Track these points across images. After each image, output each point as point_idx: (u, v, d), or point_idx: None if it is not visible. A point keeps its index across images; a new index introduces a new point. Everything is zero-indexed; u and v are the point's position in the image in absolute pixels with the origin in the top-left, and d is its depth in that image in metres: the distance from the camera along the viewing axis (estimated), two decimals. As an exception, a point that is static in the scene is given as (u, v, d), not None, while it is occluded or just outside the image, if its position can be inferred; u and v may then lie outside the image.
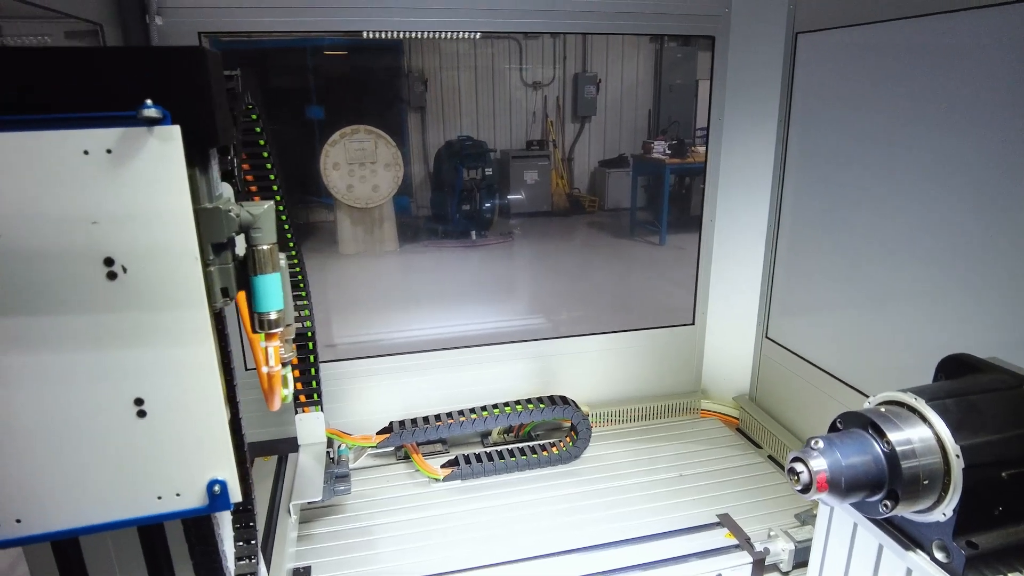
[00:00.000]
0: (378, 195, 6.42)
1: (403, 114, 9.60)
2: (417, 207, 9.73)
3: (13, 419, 0.80)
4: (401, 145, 10.16)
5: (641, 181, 8.53)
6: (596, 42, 9.22)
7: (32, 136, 0.73)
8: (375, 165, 6.03)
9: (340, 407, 2.76)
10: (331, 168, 5.96)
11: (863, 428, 1.40)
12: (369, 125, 5.83)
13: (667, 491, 2.56)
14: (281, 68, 7.11)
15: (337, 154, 6.16)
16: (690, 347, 3.18)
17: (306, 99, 9.30)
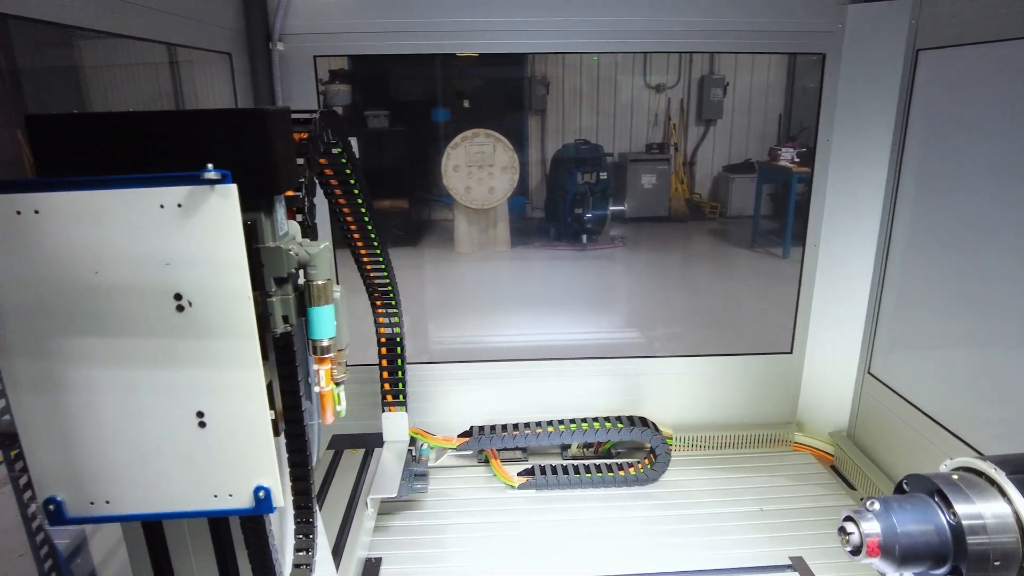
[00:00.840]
0: (494, 197, 6.62)
1: (524, 117, 9.76)
2: (532, 209, 9.85)
3: (102, 420, 0.96)
4: (519, 148, 10.31)
5: (767, 189, 8.16)
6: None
7: (121, 193, 0.88)
8: (492, 168, 6.22)
9: (425, 407, 2.91)
10: (451, 170, 6.22)
11: (929, 494, 1.31)
12: (489, 129, 6.01)
13: (743, 524, 2.48)
14: (409, 73, 7.46)
15: (458, 156, 6.43)
16: (787, 377, 3.05)
17: (432, 102, 9.69)
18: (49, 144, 0.97)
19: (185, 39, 2.06)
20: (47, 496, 0.98)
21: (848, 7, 2.59)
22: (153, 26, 1.90)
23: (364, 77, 8.34)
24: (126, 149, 0.97)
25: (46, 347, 0.92)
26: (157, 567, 1.21)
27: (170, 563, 1.21)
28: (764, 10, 2.60)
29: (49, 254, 0.89)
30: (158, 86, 2.46)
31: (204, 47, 2.19)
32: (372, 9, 2.51)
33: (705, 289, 6.33)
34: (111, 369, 0.94)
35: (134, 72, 2.41)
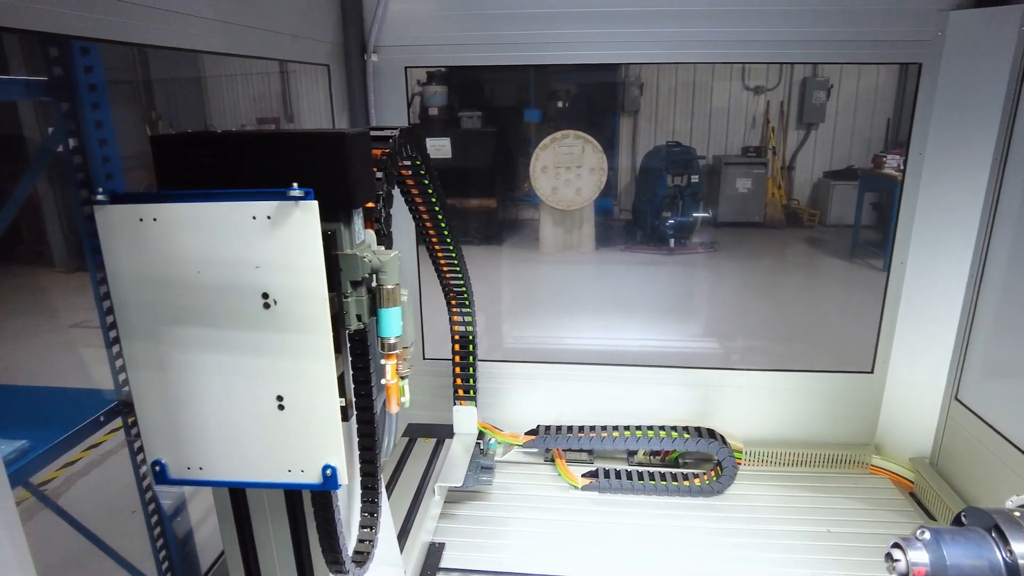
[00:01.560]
0: (580, 198, 6.65)
1: (616, 118, 9.70)
2: (620, 210, 9.77)
3: (199, 397, 1.12)
4: (609, 150, 10.30)
5: (869, 197, 7.76)
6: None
7: (221, 205, 1.03)
8: (580, 169, 6.25)
9: (494, 403, 3.02)
10: (539, 171, 6.30)
11: (987, 529, 1.28)
12: (580, 130, 6.05)
13: (808, 545, 2.44)
14: (502, 76, 7.60)
15: (546, 157, 6.51)
16: (867, 396, 2.94)
17: (524, 104, 9.81)
18: (168, 160, 1.14)
19: (291, 55, 2.26)
20: (154, 459, 1.16)
21: (949, 14, 2.48)
22: (265, 45, 2.10)
23: (459, 80, 8.57)
24: (229, 164, 1.12)
25: (157, 333, 1.09)
26: (240, 531, 1.38)
27: (251, 529, 1.37)
28: (859, 19, 2.53)
29: (162, 255, 1.05)
30: (268, 94, 2.69)
31: (306, 61, 2.39)
32: (461, 23, 2.64)
33: (794, 301, 6.10)
34: (208, 354, 1.09)
35: (247, 82, 2.65)
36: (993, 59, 2.39)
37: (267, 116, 10.23)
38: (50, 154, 1.60)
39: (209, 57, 2.22)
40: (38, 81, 1.48)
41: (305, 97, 2.63)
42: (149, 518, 1.88)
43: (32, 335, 5.31)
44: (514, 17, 2.62)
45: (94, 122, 1.53)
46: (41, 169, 1.68)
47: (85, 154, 1.55)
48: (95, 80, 1.51)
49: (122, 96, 6.75)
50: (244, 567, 1.40)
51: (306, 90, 2.64)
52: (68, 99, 1.51)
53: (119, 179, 1.63)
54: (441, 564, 2.30)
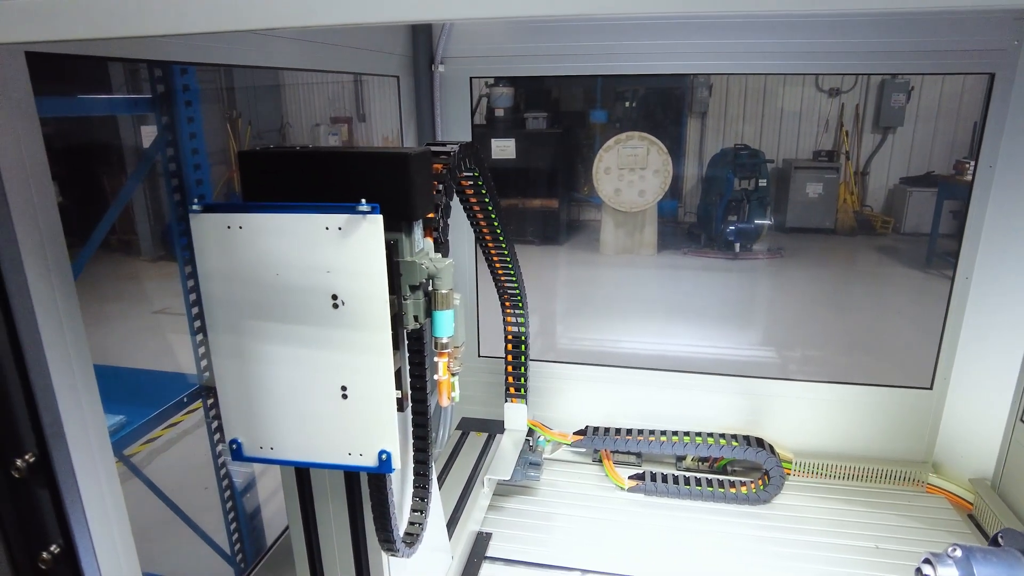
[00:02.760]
0: (643, 200, 6.62)
1: (683, 120, 9.58)
2: (684, 212, 9.63)
3: (273, 384, 1.27)
4: (675, 151, 10.18)
5: (948, 205, 7.42)
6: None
7: (299, 216, 1.16)
8: (644, 171, 6.22)
9: (545, 401, 3.11)
10: (602, 172, 6.32)
11: (1022, 551, 1.29)
12: (646, 131, 6.02)
13: (854, 559, 2.43)
14: (568, 78, 7.68)
15: (610, 159, 6.52)
16: (925, 413, 2.88)
17: (590, 106, 9.81)
18: (253, 173, 1.29)
19: (365, 68, 2.41)
20: (231, 437, 1.31)
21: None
22: (341, 60, 2.26)
23: (526, 81, 8.66)
24: (306, 179, 1.26)
25: (238, 327, 1.24)
26: (304, 508, 1.52)
27: (314, 506, 1.52)
28: (931, 28, 2.49)
29: (245, 259, 1.20)
30: (342, 96, 2.87)
31: (378, 73, 2.55)
32: (524, 34, 2.73)
33: (860, 310, 5.92)
34: (282, 347, 1.23)
35: (322, 88, 2.83)
36: (1071, 71, 2.31)
37: (340, 116, 10.59)
38: (150, 161, 1.79)
39: (291, 74, 2.40)
40: (143, 98, 1.67)
41: (377, 101, 2.80)
42: (223, 492, 2.07)
43: (122, 319, 5.73)
44: (578, 28, 2.69)
45: (188, 134, 1.71)
46: (143, 174, 1.88)
47: (179, 162, 1.73)
48: (191, 97, 1.69)
49: (207, 97, 7.19)
50: (306, 540, 1.55)
51: (378, 94, 2.80)
52: (167, 113, 1.69)
53: (207, 185, 1.81)
54: (487, 552, 2.41)
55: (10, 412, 0.97)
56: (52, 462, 0.97)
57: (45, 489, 1.02)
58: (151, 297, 6.30)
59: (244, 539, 2.13)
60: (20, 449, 1.01)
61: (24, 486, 1.02)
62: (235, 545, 2.10)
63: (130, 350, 4.86)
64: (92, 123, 5.51)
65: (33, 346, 0.93)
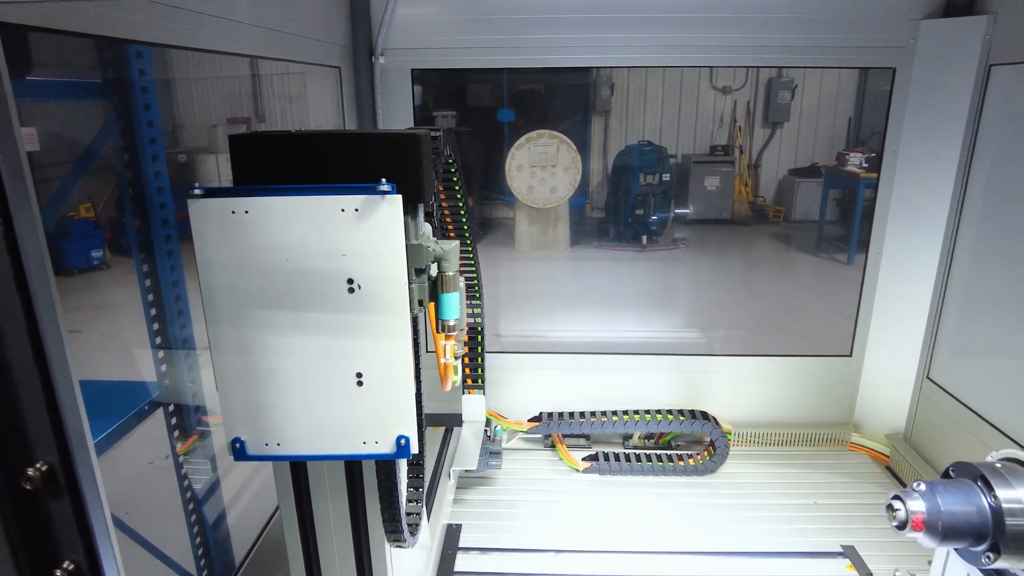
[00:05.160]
0: (555, 197, 6.76)
1: (588, 118, 9.84)
2: (592, 208, 9.90)
3: (282, 377, 1.22)
4: (582, 149, 10.42)
5: (833, 194, 8.06)
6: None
7: (312, 199, 1.13)
8: (555, 168, 6.36)
9: (499, 393, 3.14)
10: (515, 170, 6.39)
11: (973, 480, 1.46)
12: (554, 130, 6.14)
13: (797, 516, 2.62)
14: (477, 76, 7.69)
15: (522, 157, 6.61)
16: (845, 379, 3.15)
17: (499, 104, 9.90)
18: (245, 158, 1.23)
19: (307, 57, 2.34)
20: (234, 436, 1.25)
21: (920, 23, 2.68)
22: (283, 47, 2.18)
23: (435, 79, 8.60)
24: (304, 162, 1.22)
25: (244, 318, 1.18)
26: (300, 507, 1.47)
27: (311, 505, 1.47)
28: (836, 26, 2.72)
29: (252, 245, 1.14)
30: (286, 95, 2.76)
31: (320, 63, 2.48)
32: (464, 26, 2.75)
33: (767, 293, 6.33)
34: (292, 336, 1.19)
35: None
36: (960, 65, 2.60)
37: (238, 116, 10.08)
38: (96, 154, 1.67)
39: (228, 60, 2.29)
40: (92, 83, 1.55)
41: (316, 98, 2.71)
42: (187, 506, 1.95)
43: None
44: (516, 22, 2.74)
45: (146, 122, 1.60)
46: (87, 168, 1.74)
47: (135, 153, 1.62)
48: (147, 83, 1.58)
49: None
50: (302, 541, 1.50)
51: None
52: (121, 100, 1.58)
53: (165, 177, 1.70)
54: (460, 544, 2.41)
55: (19, 417, 0.89)
56: (75, 470, 0.90)
57: (60, 500, 0.94)
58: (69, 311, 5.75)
59: (212, 557, 2.03)
60: (30, 458, 0.92)
61: (34, 497, 0.94)
62: (200, 560, 1.99)
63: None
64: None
65: (56, 348, 0.86)
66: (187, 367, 1.82)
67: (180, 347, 1.81)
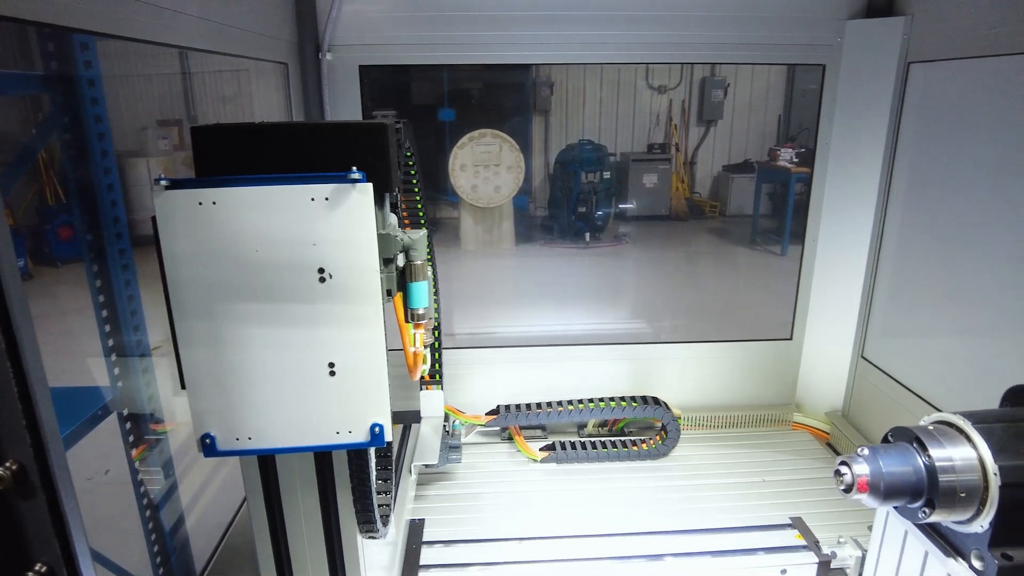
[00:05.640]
0: (500, 196, 6.82)
1: (529, 117, 9.92)
2: (535, 207, 9.99)
3: (253, 370, 1.21)
4: (524, 148, 10.49)
5: (766, 188, 8.38)
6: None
7: (281, 189, 1.12)
8: (499, 167, 6.42)
9: (456, 388, 3.16)
10: (458, 169, 6.42)
11: (909, 442, 1.57)
12: (496, 129, 6.18)
13: (747, 493, 2.74)
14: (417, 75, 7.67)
15: (465, 156, 6.64)
16: (786, 361, 3.31)
17: (439, 104, 9.88)
18: (208, 149, 1.22)
19: (253, 52, 2.30)
20: (204, 432, 1.23)
21: (846, 22, 2.85)
22: (228, 41, 2.14)
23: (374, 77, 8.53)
24: (268, 153, 1.22)
25: (213, 311, 1.17)
26: (269, 501, 1.46)
27: (280, 500, 1.46)
28: (768, 24, 2.85)
29: (220, 236, 1.13)
30: (236, 91, 2.69)
31: (266, 58, 2.44)
32: (412, 23, 2.76)
33: (708, 284, 6.56)
34: (262, 328, 1.18)
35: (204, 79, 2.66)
36: (882, 62, 2.77)
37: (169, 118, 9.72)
38: (34, 153, 1.61)
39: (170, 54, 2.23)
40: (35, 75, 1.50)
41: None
42: (144, 513, 1.89)
43: None
44: (468, 18, 2.77)
45: (94, 117, 1.56)
46: (24, 167, 1.68)
47: (82, 148, 1.57)
48: (94, 75, 1.54)
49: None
50: (272, 537, 1.49)
51: (263, 88, 2.67)
52: (66, 94, 1.53)
53: (115, 174, 1.65)
54: (424, 538, 2.42)
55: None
56: (51, 468, 0.88)
57: (31, 500, 0.92)
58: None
59: (172, 564, 1.98)
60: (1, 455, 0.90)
61: (4, 498, 0.91)
62: (159, 569, 1.94)
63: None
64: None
65: (28, 341, 0.84)
66: (142, 370, 1.77)
67: (135, 353, 1.76)
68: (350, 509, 1.43)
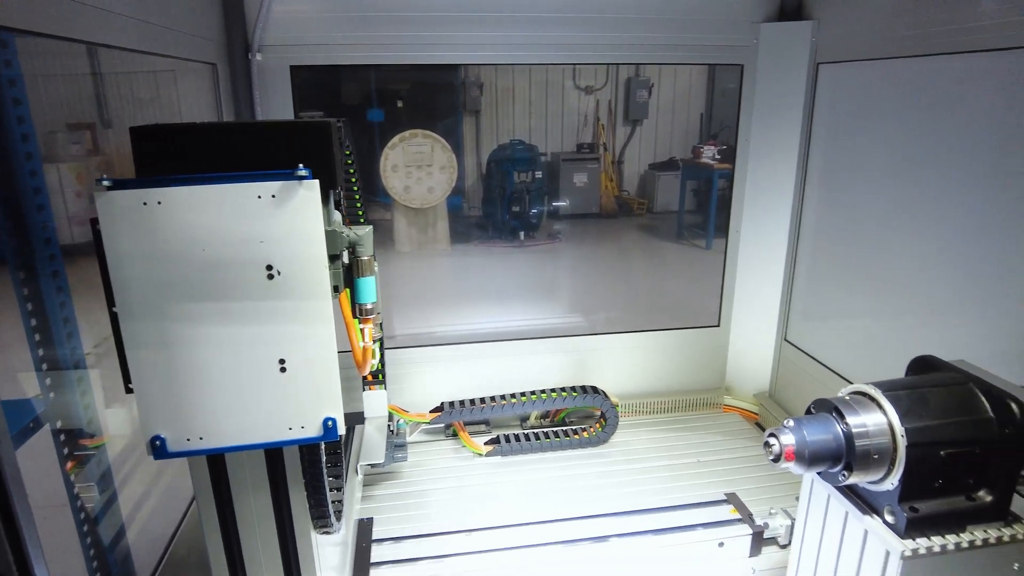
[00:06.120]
0: (433, 196, 6.84)
1: (459, 118, 9.96)
2: (469, 207, 10.02)
3: (203, 370, 1.21)
4: (456, 148, 10.54)
5: (690, 185, 8.69)
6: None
7: (227, 187, 1.13)
8: (431, 168, 6.43)
9: (399, 388, 3.17)
10: (390, 170, 6.40)
11: (829, 412, 1.71)
12: (427, 130, 6.18)
13: (683, 473, 2.88)
14: (343, 76, 7.58)
15: (396, 157, 6.63)
16: (715, 347, 3.48)
17: (367, 104, 9.79)
18: (149, 149, 1.21)
19: (180, 52, 2.25)
20: (153, 434, 1.22)
21: (760, 25, 3.02)
22: (152, 39, 2.09)
23: (301, 79, 8.39)
24: (213, 153, 1.22)
25: (161, 311, 1.16)
26: (220, 502, 1.45)
27: (232, 498, 1.45)
28: (689, 26, 3.00)
29: (166, 236, 1.13)
30: (156, 93, 2.61)
31: (194, 58, 2.39)
32: (342, 23, 2.75)
33: (638, 278, 6.76)
34: (211, 327, 1.18)
35: (127, 80, 2.57)
36: (794, 63, 2.96)
37: (81, 121, 9.28)
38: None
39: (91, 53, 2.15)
40: (-49, 76, 1.43)
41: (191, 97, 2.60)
42: (82, 528, 1.83)
43: None
44: (393, 19, 2.79)
45: (16, 118, 1.51)
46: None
47: (5, 150, 1.52)
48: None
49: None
50: (223, 538, 1.48)
51: (192, 90, 2.61)
52: (-14, 95, 1.47)
53: (42, 177, 1.60)
54: (374, 536, 2.43)
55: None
56: (8, 489, 0.86)
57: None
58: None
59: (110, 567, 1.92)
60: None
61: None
62: None
63: None
64: None
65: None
66: (76, 380, 1.72)
67: (68, 363, 1.70)
68: (303, 505, 1.44)
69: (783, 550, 2.41)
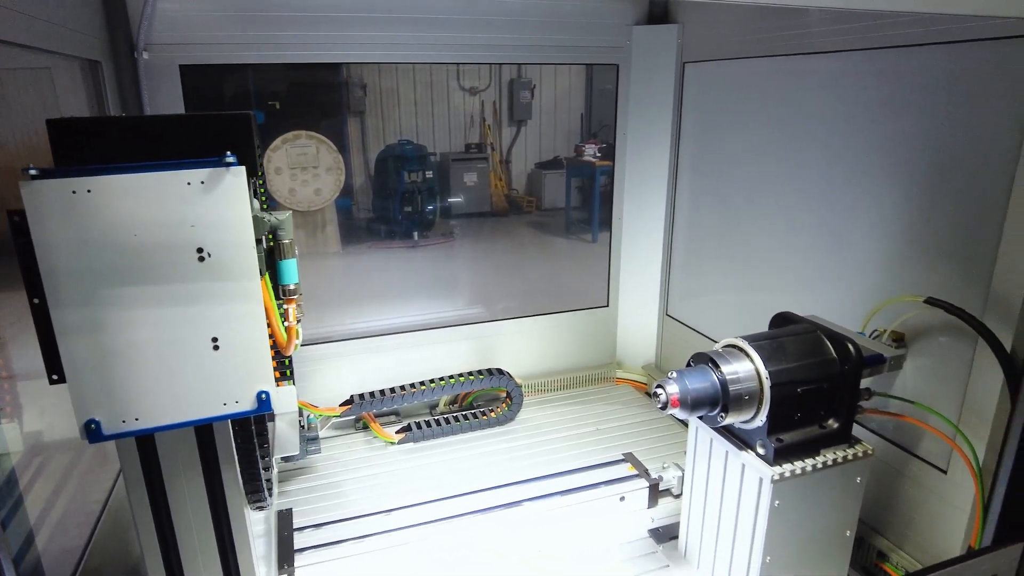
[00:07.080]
0: (320, 199, 6.78)
1: (344, 118, 9.83)
2: (359, 209, 9.92)
3: (136, 352, 1.25)
4: (343, 149, 10.42)
5: (575, 182, 9.08)
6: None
7: (157, 175, 1.19)
8: (317, 169, 6.37)
9: (308, 384, 3.20)
10: (273, 173, 6.27)
11: (706, 363, 1.97)
12: (311, 131, 6.13)
13: (585, 440, 3.12)
14: (222, 76, 7.33)
15: (279, 159, 6.51)
16: (606, 326, 3.76)
17: (246, 105, 9.46)
18: (67, 142, 1.24)
19: (62, 48, 2.18)
20: (88, 418, 1.25)
21: (633, 28, 3.32)
22: (29, 32, 2.03)
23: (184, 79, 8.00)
24: (133, 144, 1.27)
25: (92, 297, 1.19)
26: (150, 484, 1.48)
27: (162, 479, 1.49)
28: (567, 28, 3.24)
29: (97, 223, 1.17)
30: (36, 92, 2.49)
31: (78, 55, 2.32)
32: (231, 22, 2.76)
33: (532, 270, 7.04)
34: (145, 310, 1.23)
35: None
36: (664, 63, 3.28)
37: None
38: None
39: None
40: None
41: (73, 95, 2.51)
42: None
43: None
44: (284, 19, 2.82)
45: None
46: None
47: None
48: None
49: None
50: (155, 521, 1.51)
51: (74, 88, 2.51)
52: None
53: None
54: (295, 525, 2.47)
55: None
56: None
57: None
58: None
59: None
60: None
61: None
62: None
63: None
64: None
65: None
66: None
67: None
68: (235, 483, 1.50)
69: (676, 499, 2.69)
